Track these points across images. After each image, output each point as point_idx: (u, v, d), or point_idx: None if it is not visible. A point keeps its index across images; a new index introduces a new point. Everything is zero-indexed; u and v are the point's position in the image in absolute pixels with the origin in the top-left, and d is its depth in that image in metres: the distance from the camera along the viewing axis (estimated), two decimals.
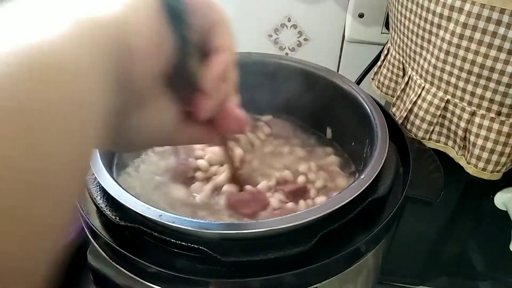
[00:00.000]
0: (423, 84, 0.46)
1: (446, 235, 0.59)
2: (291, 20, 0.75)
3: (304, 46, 0.77)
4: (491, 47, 0.39)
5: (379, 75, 0.56)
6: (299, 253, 0.33)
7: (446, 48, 0.42)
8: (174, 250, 0.34)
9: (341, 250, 0.34)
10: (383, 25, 0.69)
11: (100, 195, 0.37)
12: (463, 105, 0.44)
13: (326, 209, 0.33)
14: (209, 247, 0.32)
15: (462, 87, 0.43)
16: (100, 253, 0.36)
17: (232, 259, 0.32)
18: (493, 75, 0.40)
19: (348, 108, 0.48)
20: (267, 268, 0.32)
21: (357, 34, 0.72)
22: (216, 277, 0.32)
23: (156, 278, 0.33)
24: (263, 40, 0.78)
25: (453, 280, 0.64)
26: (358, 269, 0.36)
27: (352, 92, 0.47)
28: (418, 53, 0.46)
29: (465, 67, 0.41)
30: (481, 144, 0.43)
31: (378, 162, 0.38)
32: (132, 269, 0.34)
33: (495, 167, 0.44)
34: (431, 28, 0.43)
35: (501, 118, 0.42)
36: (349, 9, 0.70)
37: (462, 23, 0.39)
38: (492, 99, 0.41)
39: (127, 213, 0.35)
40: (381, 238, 0.37)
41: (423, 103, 0.47)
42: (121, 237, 0.35)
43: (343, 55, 0.77)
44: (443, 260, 0.63)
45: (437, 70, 0.44)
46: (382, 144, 0.40)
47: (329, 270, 0.34)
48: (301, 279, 0.33)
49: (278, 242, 0.33)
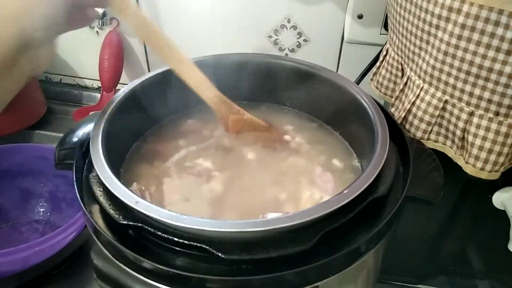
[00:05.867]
0: (421, 85, 0.47)
1: (444, 235, 0.60)
2: (291, 21, 0.75)
3: (303, 47, 0.78)
4: (489, 48, 0.39)
5: (378, 75, 0.57)
6: (300, 252, 0.33)
7: (444, 48, 0.42)
8: (177, 249, 0.34)
9: (341, 249, 0.34)
10: (382, 26, 0.70)
11: (103, 194, 0.38)
12: (461, 105, 0.44)
13: (327, 208, 0.33)
14: (211, 246, 0.32)
15: (461, 88, 0.43)
16: (103, 251, 0.36)
17: (233, 258, 0.32)
18: (491, 75, 0.40)
19: (348, 108, 0.48)
20: (268, 267, 0.33)
21: (356, 35, 0.72)
22: (218, 275, 0.33)
23: (158, 276, 0.33)
24: (263, 41, 0.78)
25: (452, 279, 0.64)
26: (358, 268, 0.37)
27: (353, 92, 0.48)
28: (417, 54, 0.46)
29: (463, 67, 0.42)
30: (479, 144, 0.44)
31: (378, 162, 0.38)
32: (135, 268, 0.34)
33: (493, 167, 0.45)
34: (430, 29, 0.43)
35: (499, 118, 0.43)
36: (348, 10, 0.70)
37: (460, 24, 0.40)
38: (490, 100, 0.42)
39: (130, 212, 0.35)
40: (381, 237, 0.38)
41: (422, 104, 0.47)
42: (124, 235, 0.36)
43: (342, 56, 0.77)
44: (442, 259, 0.63)
45: (436, 70, 0.44)
46: (382, 144, 0.40)
47: (329, 268, 0.35)
48: (302, 277, 0.34)
49: (280, 241, 0.33)
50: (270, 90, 0.55)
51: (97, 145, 0.40)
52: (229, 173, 0.46)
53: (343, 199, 0.34)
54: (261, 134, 0.49)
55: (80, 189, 0.40)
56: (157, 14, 0.80)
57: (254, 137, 0.49)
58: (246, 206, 0.42)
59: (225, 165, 0.47)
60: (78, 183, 0.40)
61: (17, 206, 0.71)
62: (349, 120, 0.49)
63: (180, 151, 0.49)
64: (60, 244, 0.55)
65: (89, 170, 0.41)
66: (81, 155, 0.43)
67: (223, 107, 0.46)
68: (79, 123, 0.47)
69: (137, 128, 0.51)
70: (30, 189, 0.71)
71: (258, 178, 0.46)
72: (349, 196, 0.34)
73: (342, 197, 0.34)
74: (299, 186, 0.45)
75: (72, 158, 0.42)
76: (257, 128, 0.49)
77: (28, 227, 0.69)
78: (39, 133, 0.87)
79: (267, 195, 0.43)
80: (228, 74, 0.52)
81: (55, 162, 0.43)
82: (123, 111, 0.46)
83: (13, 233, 0.68)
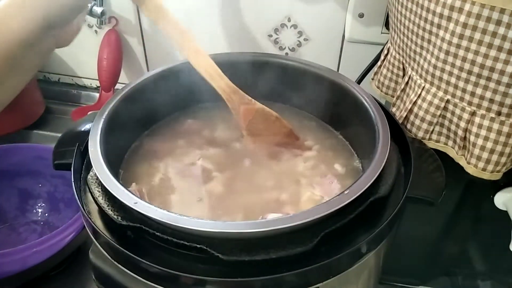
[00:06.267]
0: (423, 84, 0.46)
1: (446, 235, 0.60)
2: (291, 20, 0.75)
3: (304, 46, 0.77)
4: (491, 47, 0.39)
5: (379, 75, 0.57)
6: (301, 253, 0.33)
7: (446, 48, 0.42)
8: (176, 250, 0.34)
9: (342, 250, 0.34)
10: (383, 25, 0.69)
11: (102, 195, 0.38)
12: (463, 105, 0.44)
13: (328, 209, 0.33)
14: (211, 247, 0.32)
15: (462, 87, 0.43)
16: (102, 252, 0.36)
17: (233, 259, 0.32)
18: (493, 75, 0.40)
19: (349, 108, 0.48)
20: (268, 268, 0.32)
21: (357, 34, 0.72)
22: (217, 277, 0.32)
23: (157, 278, 0.33)
24: (263, 40, 0.78)
25: (454, 280, 0.64)
26: (359, 269, 0.37)
27: (353, 92, 0.47)
28: (418, 53, 0.46)
29: (465, 67, 0.41)
30: (481, 144, 0.44)
31: (379, 162, 0.38)
32: (133, 269, 0.34)
33: (495, 167, 0.44)
34: (431, 28, 0.43)
35: (501, 118, 0.42)
36: (349, 9, 0.70)
37: (462, 23, 0.39)
38: (492, 99, 0.42)
39: (129, 213, 0.35)
40: (382, 238, 0.37)
41: (423, 103, 0.47)
42: (123, 236, 0.35)
43: (343, 55, 0.77)
44: (443, 260, 0.63)
45: (437, 70, 0.44)
46: (383, 144, 0.40)
47: (330, 270, 0.34)
48: (303, 278, 0.34)
49: (280, 241, 0.33)
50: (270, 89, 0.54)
51: (96, 145, 0.40)
52: (229, 173, 0.46)
53: (344, 200, 0.34)
54: (270, 136, 0.50)
55: (79, 190, 0.40)
56: None
57: (263, 140, 0.50)
58: (246, 207, 0.42)
59: (225, 165, 0.47)
60: (76, 183, 0.40)
61: (15, 206, 0.70)
62: (350, 120, 0.49)
63: (179, 151, 0.49)
64: (59, 245, 0.55)
65: (88, 171, 0.41)
66: (80, 155, 0.43)
67: (235, 97, 0.47)
68: (78, 123, 0.47)
69: (136, 128, 0.51)
70: (28, 190, 0.71)
71: (258, 178, 0.46)
72: (350, 197, 0.34)
73: (343, 198, 0.34)
74: (299, 186, 0.44)
75: (71, 158, 0.42)
76: (268, 118, 0.49)
77: (26, 228, 0.69)
78: (37, 133, 0.87)
79: (267, 196, 0.43)
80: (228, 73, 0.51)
81: (53, 162, 0.43)
82: (122, 110, 0.46)
83: (11, 234, 0.68)
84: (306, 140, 0.51)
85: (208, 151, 0.49)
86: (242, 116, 0.48)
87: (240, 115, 0.48)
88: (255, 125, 0.49)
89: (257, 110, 0.48)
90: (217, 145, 0.50)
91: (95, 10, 0.73)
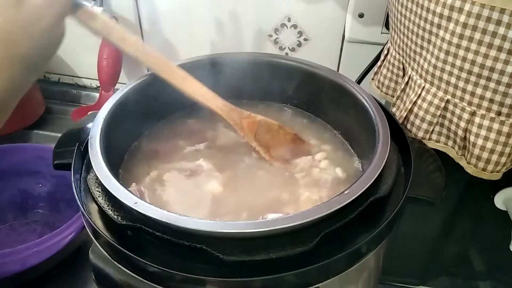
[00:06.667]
0: (423, 84, 0.46)
1: (446, 235, 0.60)
2: (291, 20, 0.75)
3: (304, 46, 0.77)
4: (491, 47, 0.39)
5: (379, 75, 0.56)
6: (301, 253, 0.33)
7: (446, 48, 0.42)
8: (176, 250, 0.34)
9: (342, 250, 0.34)
10: (383, 25, 0.69)
11: (102, 195, 0.37)
12: (463, 105, 0.44)
13: (328, 209, 0.33)
14: (211, 247, 0.32)
15: (462, 87, 0.43)
16: (102, 252, 0.36)
17: (234, 259, 0.32)
18: (493, 75, 0.40)
19: (349, 108, 0.48)
20: (268, 268, 0.32)
21: (357, 34, 0.72)
22: (217, 277, 0.32)
23: (157, 277, 0.33)
24: (263, 40, 0.78)
25: (454, 280, 0.64)
26: (359, 269, 0.37)
27: (353, 92, 0.47)
28: (418, 53, 0.46)
29: (465, 67, 0.41)
30: (481, 144, 0.44)
31: (379, 162, 0.38)
32: (134, 269, 0.34)
33: (495, 167, 0.44)
34: (431, 28, 0.43)
35: (501, 118, 0.42)
36: (349, 9, 0.70)
37: (462, 23, 0.39)
38: (492, 99, 0.42)
39: (129, 213, 0.35)
40: (382, 238, 0.37)
41: (423, 103, 0.47)
42: (123, 236, 0.35)
43: (343, 55, 0.77)
44: (443, 260, 0.63)
45: (437, 70, 0.44)
46: (383, 144, 0.40)
47: (330, 270, 0.34)
48: (303, 278, 0.34)
49: (280, 241, 0.33)
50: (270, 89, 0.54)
51: (96, 145, 0.40)
52: (229, 173, 0.46)
53: (344, 200, 0.34)
54: (280, 145, 0.50)
55: (79, 190, 0.40)
56: (157, 14, 0.79)
57: (276, 150, 0.50)
58: (246, 207, 0.42)
59: (225, 165, 0.47)
60: (76, 183, 0.40)
61: (15, 206, 0.70)
62: (350, 120, 0.49)
63: (179, 151, 0.49)
64: (59, 245, 0.55)
65: (88, 171, 0.41)
66: (80, 155, 0.43)
67: (234, 114, 0.47)
68: (78, 123, 0.47)
69: (136, 128, 0.51)
70: (28, 190, 0.71)
71: (258, 178, 0.46)
72: (350, 197, 0.34)
73: (343, 198, 0.34)
74: (299, 187, 0.44)
75: (71, 158, 0.42)
76: (272, 128, 0.49)
77: (26, 228, 0.69)
78: (37, 133, 0.87)
79: (267, 196, 0.43)
80: (228, 73, 0.51)
81: (53, 162, 0.43)
82: (122, 111, 0.46)
83: (11, 234, 0.68)
84: (305, 139, 0.51)
85: (209, 151, 0.49)
86: (247, 130, 0.48)
87: (245, 129, 0.48)
88: (261, 136, 0.49)
89: (259, 122, 0.48)
90: (218, 145, 0.50)
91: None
